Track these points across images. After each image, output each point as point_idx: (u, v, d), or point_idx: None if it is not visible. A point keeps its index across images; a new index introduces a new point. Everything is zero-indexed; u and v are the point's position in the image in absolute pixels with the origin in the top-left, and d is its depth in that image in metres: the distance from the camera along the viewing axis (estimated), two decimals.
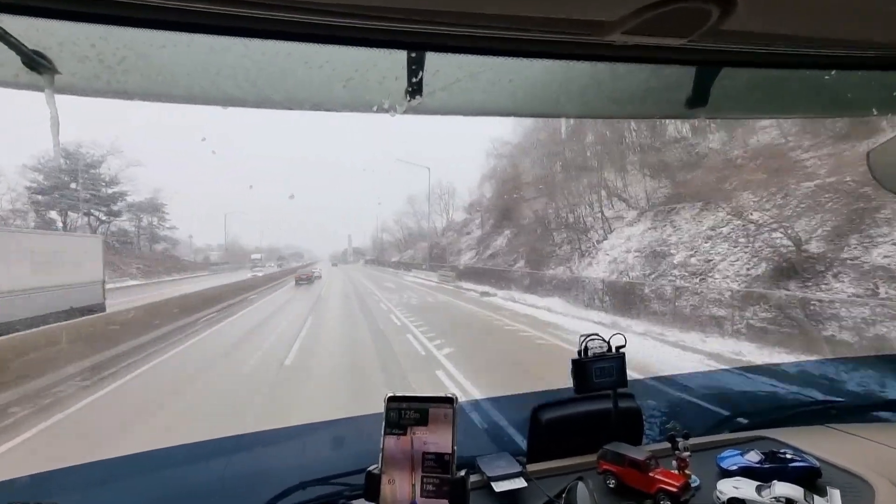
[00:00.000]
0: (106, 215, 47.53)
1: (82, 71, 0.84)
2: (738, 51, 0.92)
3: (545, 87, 1.12)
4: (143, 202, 51.09)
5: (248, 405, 6.67)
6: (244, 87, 0.90)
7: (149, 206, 51.79)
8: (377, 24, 0.73)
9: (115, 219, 48.89)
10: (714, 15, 0.71)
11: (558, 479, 1.09)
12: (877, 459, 1.13)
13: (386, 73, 0.90)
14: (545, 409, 1.27)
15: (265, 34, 0.77)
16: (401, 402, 0.77)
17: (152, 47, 0.83)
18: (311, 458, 1.47)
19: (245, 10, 0.69)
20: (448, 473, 0.73)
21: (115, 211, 48.56)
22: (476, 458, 1.14)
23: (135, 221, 51.61)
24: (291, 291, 27.84)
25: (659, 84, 1.18)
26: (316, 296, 23.94)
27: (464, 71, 0.94)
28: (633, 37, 0.77)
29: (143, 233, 52.52)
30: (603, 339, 1.22)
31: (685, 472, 1.04)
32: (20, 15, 0.71)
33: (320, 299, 22.31)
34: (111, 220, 48.56)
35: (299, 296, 24.62)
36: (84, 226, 43.88)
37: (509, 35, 0.81)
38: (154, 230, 53.78)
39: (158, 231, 54.33)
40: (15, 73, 0.82)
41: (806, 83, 1.17)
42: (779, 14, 0.74)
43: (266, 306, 20.18)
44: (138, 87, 0.88)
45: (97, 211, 46.11)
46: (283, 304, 20.77)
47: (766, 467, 1.10)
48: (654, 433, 1.38)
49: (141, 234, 52.23)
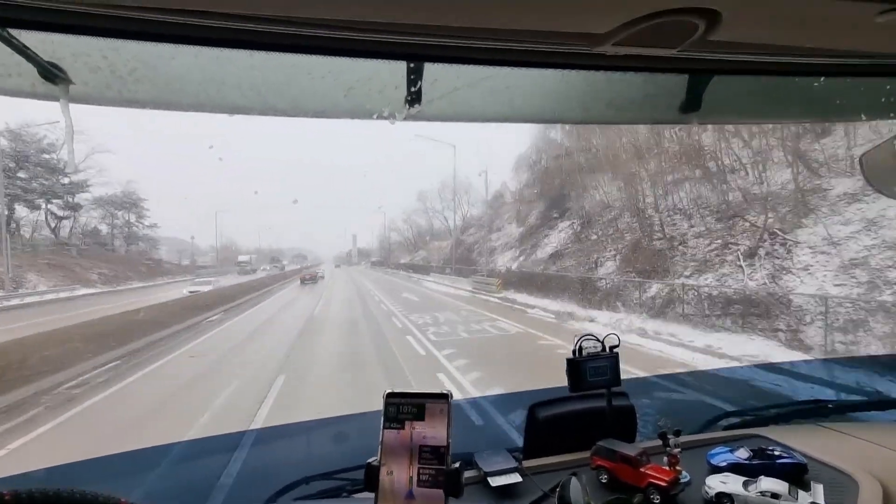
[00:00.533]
0: (63, 209, 40.73)
1: (95, 81, 0.88)
2: (727, 59, 0.95)
3: (542, 95, 1.15)
4: (117, 197, 44.59)
5: None
6: (249, 96, 0.94)
7: (123, 202, 45.69)
8: (377, 36, 0.77)
9: (74, 213, 41.71)
10: (701, 27, 0.74)
11: (553, 474, 1.12)
12: (862, 456, 1.17)
13: (386, 82, 0.94)
14: (541, 408, 1.31)
15: (269, 47, 0.80)
16: (399, 398, 0.81)
17: (161, 58, 0.87)
18: (315, 453, 1.51)
19: (250, 25, 0.72)
20: (443, 465, 0.76)
21: (74, 204, 41.26)
22: (474, 455, 1.17)
23: (109, 219, 45.92)
24: (275, 306, 20.58)
25: (653, 91, 1.21)
26: (299, 329, 13.78)
27: (462, 80, 0.97)
28: (624, 48, 0.81)
29: (118, 232, 46.93)
30: (597, 338, 1.26)
31: (675, 468, 1.08)
32: (37, 30, 0.75)
33: (306, 335, 12.85)
34: (71, 214, 41.59)
35: (283, 320, 16.15)
36: (40, 222, 38.09)
37: (505, 46, 0.84)
38: (132, 229, 48.02)
39: (137, 230, 48.72)
40: (32, 84, 0.86)
41: (796, 89, 1.20)
42: (764, 25, 0.77)
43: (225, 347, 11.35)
44: (148, 97, 0.92)
45: (51, 204, 39.34)
46: (247, 347, 11.50)
47: (755, 463, 1.13)
48: (648, 431, 1.42)
49: (116, 233, 46.53)
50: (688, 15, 0.70)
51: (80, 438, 5.88)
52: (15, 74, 0.84)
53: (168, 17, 0.70)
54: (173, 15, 0.69)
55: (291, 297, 24.32)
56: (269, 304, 21.85)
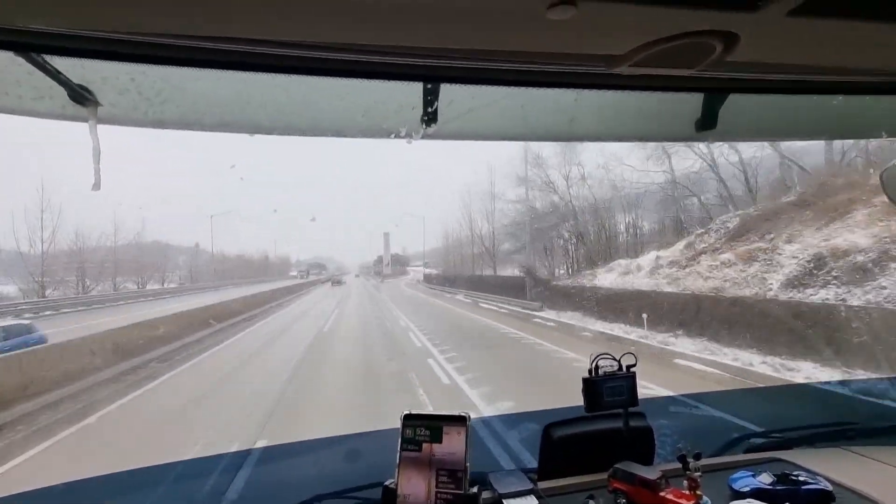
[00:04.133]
0: None
1: (123, 103, 0.91)
2: (743, 78, 0.95)
3: (557, 114, 1.16)
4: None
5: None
6: (272, 117, 0.96)
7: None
8: (394, 59, 0.78)
9: None
10: (718, 48, 0.74)
11: (569, 496, 1.09)
12: (893, 483, 1.12)
13: (403, 103, 0.96)
14: (556, 427, 1.29)
15: (290, 70, 0.82)
16: (416, 420, 0.80)
17: (187, 80, 0.90)
18: (327, 471, 1.50)
19: (272, 49, 0.74)
20: (461, 489, 0.75)
21: None
22: (488, 475, 1.15)
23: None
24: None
25: (669, 109, 1.21)
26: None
27: (477, 101, 0.98)
28: (641, 68, 0.81)
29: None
30: (614, 357, 1.24)
31: (696, 493, 1.04)
32: (69, 56, 0.78)
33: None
34: None
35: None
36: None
37: (521, 68, 0.85)
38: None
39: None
40: (62, 106, 0.89)
41: (813, 107, 1.20)
42: (781, 44, 0.77)
43: None
44: (174, 118, 0.95)
45: None
46: None
47: (779, 489, 1.09)
48: (666, 452, 1.38)
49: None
50: (706, 37, 0.71)
51: None
52: (47, 97, 0.88)
53: (193, 42, 0.72)
54: (198, 41, 0.72)
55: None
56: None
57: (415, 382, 8.59)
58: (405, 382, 8.65)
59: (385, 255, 64.68)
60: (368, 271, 73.23)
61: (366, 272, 73.05)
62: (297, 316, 20.72)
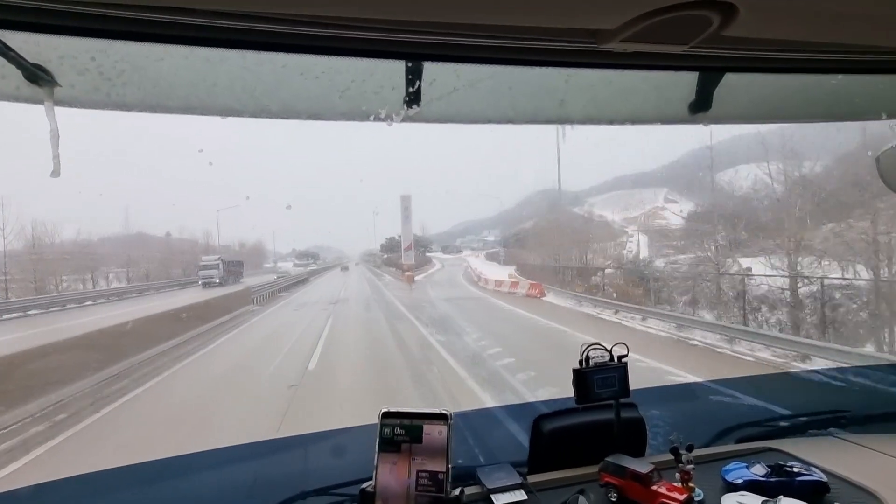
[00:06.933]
0: None
1: (82, 84, 0.85)
2: (740, 56, 0.90)
3: (546, 94, 1.11)
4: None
5: None
6: (241, 98, 0.91)
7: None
8: (374, 34, 0.73)
9: None
10: (715, 22, 0.69)
11: (559, 490, 1.07)
12: (886, 471, 1.11)
13: (383, 82, 0.90)
14: (546, 420, 1.26)
15: (262, 46, 0.77)
16: (395, 419, 0.76)
17: (150, 60, 0.84)
18: (311, 467, 1.46)
19: (242, 24, 0.69)
20: (442, 493, 0.72)
21: None
22: (476, 469, 1.12)
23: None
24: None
25: (662, 89, 1.16)
26: None
27: (462, 80, 0.93)
28: (632, 44, 0.76)
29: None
30: (605, 348, 1.21)
31: (689, 486, 1.02)
32: (22, 31, 0.72)
33: None
34: None
35: None
36: None
37: (508, 44, 0.80)
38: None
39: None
40: (16, 87, 0.83)
41: (810, 87, 1.16)
42: (781, 19, 0.73)
43: None
44: (137, 99, 0.89)
45: None
46: None
47: (773, 481, 1.07)
48: (658, 444, 1.36)
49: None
50: (702, 9, 0.66)
51: None
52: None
53: (157, 15, 0.67)
54: (162, 13, 0.66)
55: None
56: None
57: None
58: None
59: (405, 232, 35.11)
60: (366, 258, 52.06)
61: (365, 259, 53.80)
62: None
